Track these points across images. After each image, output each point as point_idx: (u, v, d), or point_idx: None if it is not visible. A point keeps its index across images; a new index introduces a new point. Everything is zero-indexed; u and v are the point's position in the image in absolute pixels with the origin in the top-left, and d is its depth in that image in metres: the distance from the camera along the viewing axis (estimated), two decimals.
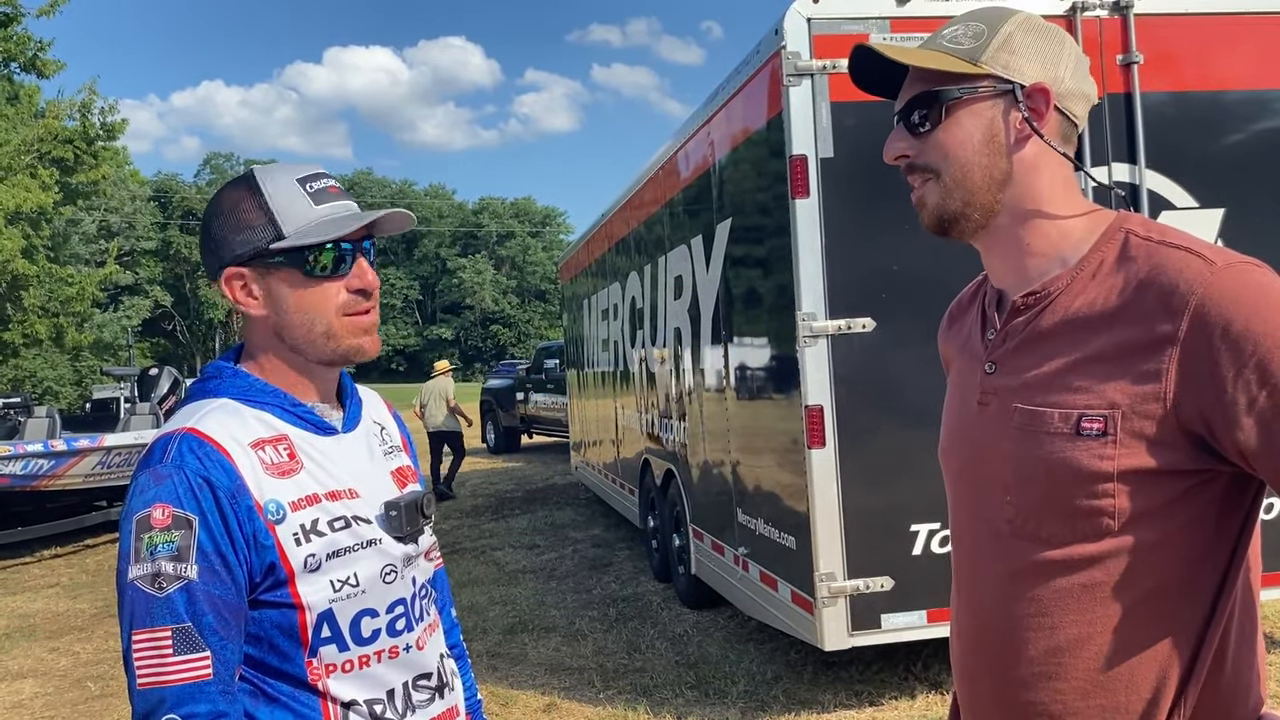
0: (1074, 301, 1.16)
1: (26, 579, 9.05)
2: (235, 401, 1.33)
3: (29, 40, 17.54)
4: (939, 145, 1.21)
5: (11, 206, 16.23)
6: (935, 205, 1.23)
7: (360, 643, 1.33)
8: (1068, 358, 1.15)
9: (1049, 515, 1.15)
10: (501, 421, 17.25)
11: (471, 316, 72.24)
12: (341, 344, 1.36)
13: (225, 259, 1.34)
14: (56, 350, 20.42)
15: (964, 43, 1.20)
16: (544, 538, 9.20)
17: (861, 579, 4.05)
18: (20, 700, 5.60)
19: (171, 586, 1.21)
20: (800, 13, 4.06)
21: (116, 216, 47.85)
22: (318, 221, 1.32)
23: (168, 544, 1.21)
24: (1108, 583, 1.12)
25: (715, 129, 5.20)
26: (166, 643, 1.20)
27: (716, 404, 5.47)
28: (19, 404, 11.38)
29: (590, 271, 9.72)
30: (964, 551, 1.30)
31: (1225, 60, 4.29)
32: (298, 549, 1.28)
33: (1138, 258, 1.14)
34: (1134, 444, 1.08)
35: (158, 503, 1.22)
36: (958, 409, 1.33)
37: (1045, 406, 1.15)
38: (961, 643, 1.31)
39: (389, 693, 1.36)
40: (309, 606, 1.28)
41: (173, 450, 1.26)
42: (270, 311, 1.34)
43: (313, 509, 1.31)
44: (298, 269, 1.32)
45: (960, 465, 1.30)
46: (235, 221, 1.33)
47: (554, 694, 5.00)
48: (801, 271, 4.08)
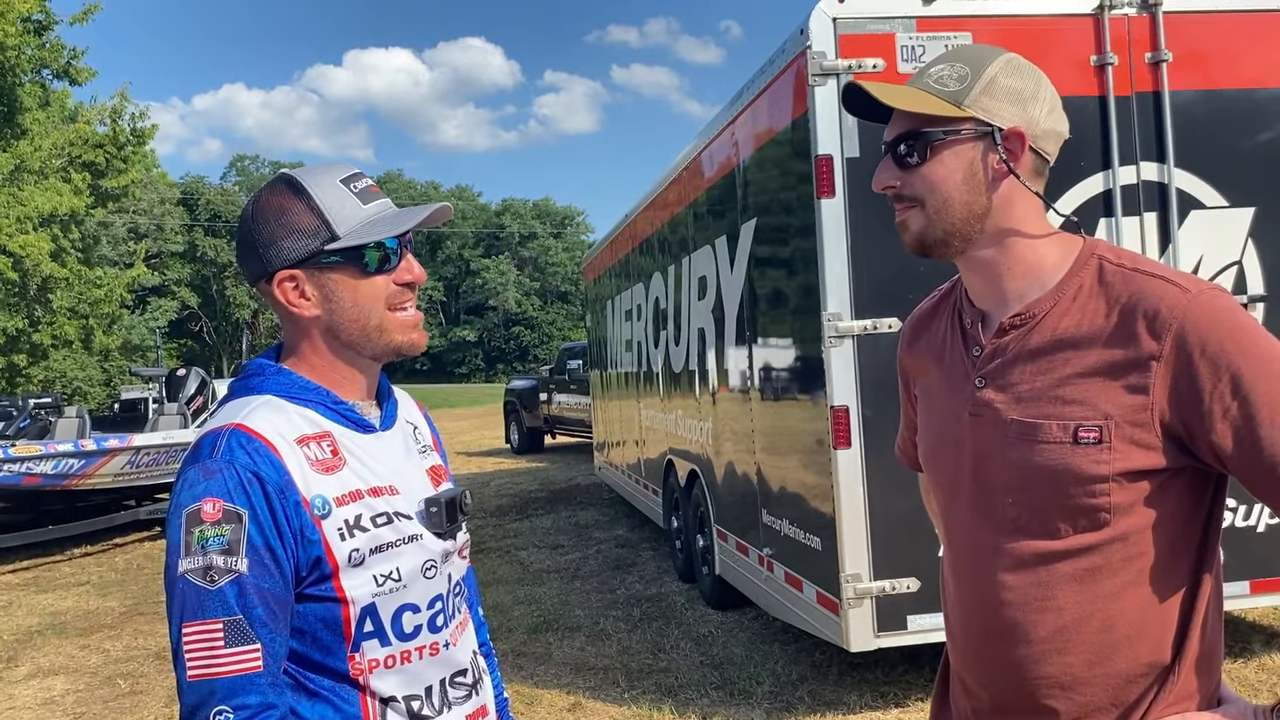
0: (1060, 322, 1.31)
1: (57, 577, 9.17)
2: (279, 398, 1.35)
3: (62, 48, 17.78)
4: (924, 179, 1.34)
5: (46, 210, 16.45)
6: (918, 231, 1.36)
7: (402, 638, 1.35)
8: (1060, 373, 1.30)
9: (1052, 513, 1.29)
10: (525, 422, 17.30)
11: (495, 318, 72.44)
12: (394, 338, 1.39)
13: (275, 263, 1.35)
14: (85, 351, 20.66)
15: (949, 85, 1.32)
16: (568, 538, 9.22)
17: (887, 580, 4.04)
18: (52, 697, 5.68)
19: (223, 579, 1.22)
20: (826, 12, 4.06)
21: (145, 219, 48.36)
22: (368, 220, 1.36)
23: (219, 537, 1.23)
24: (1105, 566, 1.28)
25: (740, 129, 5.20)
26: (218, 635, 1.21)
27: (741, 404, 5.47)
28: (50, 404, 11.53)
29: (614, 272, 9.73)
30: (962, 548, 1.42)
31: (1255, 58, 4.25)
32: (342, 543, 1.30)
33: (1115, 283, 1.29)
34: (1125, 448, 1.25)
35: (208, 497, 1.24)
36: (944, 419, 1.45)
37: (1042, 419, 1.30)
38: (966, 631, 1.42)
39: (427, 689, 1.38)
40: (352, 600, 1.30)
41: (222, 445, 1.27)
42: (323, 311, 1.37)
43: (356, 504, 1.33)
44: (355, 267, 1.36)
45: (955, 470, 1.42)
46: (285, 225, 1.35)
47: (579, 693, 5.02)
48: (827, 272, 4.07)
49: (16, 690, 5.83)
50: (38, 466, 8.82)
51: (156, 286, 50.72)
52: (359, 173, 1.40)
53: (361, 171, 1.41)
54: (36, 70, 17.84)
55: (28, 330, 17.66)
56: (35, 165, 16.98)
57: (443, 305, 73.35)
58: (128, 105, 19.33)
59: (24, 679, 6.04)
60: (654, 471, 7.98)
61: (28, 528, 9.45)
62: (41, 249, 16.28)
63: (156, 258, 50.31)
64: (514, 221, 75.03)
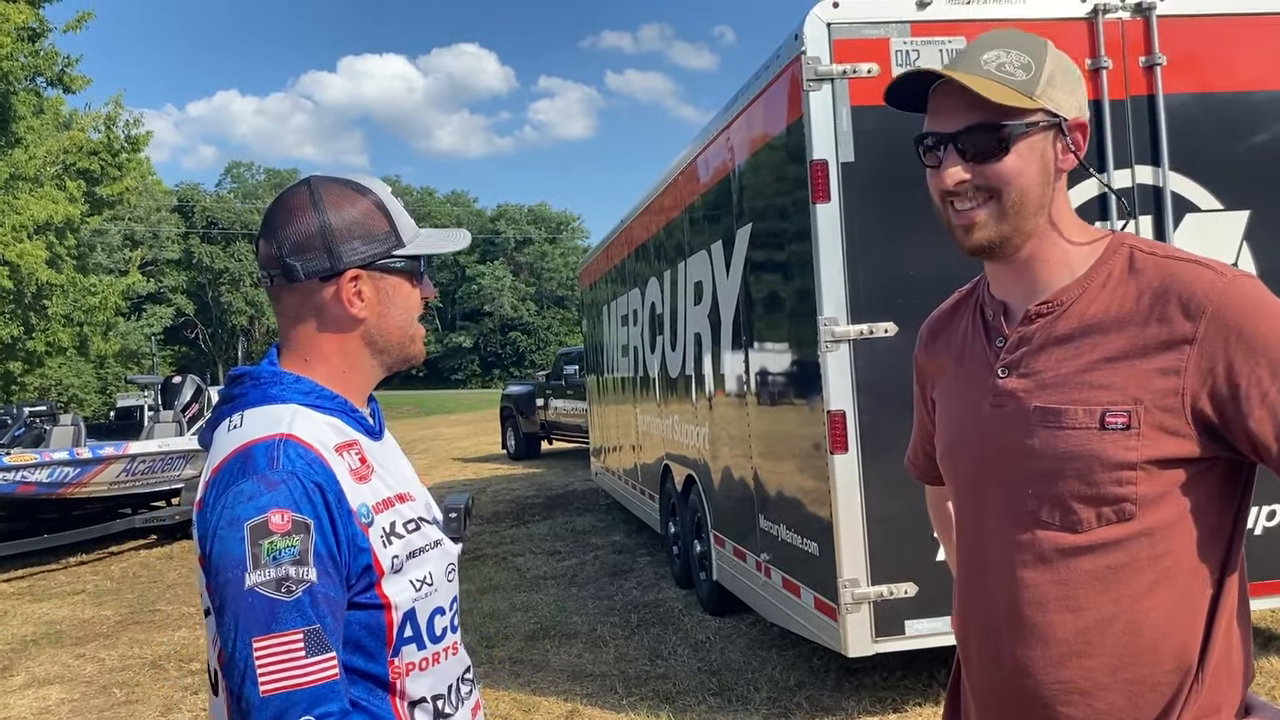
0: (1088, 308, 1.28)
1: (52, 586, 9.13)
2: (305, 408, 1.34)
3: (56, 55, 17.75)
4: (1000, 173, 1.29)
5: (42, 218, 16.43)
6: (990, 229, 1.32)
7: (434, 640, 1.38)
8: (1087, 358, 1.26)
9: (1075, 503, 1.25)
10: (522, 428, 17.27)
11: (491, 323, 72.41)
12: (414, 348, 1.46)
13: (346, 260, 1.35)
14: (81, 359, 20.61)
15: (1015, 74, 1.28)
16: (565, 544, 9.21)
17: (885, 585, 4.03)
18: (47, 706, 5.65)
19: (299, 590, 1.20)
20: (820, 17, 4.06)
21: (141, 226, 48.30)
22: (419, 235, 1.42)
23: (291, 548, 1.21)
24: (1130, 564, 1.23)
25: (735, 134, 5.20)
26: (298, 646, 1.19)
27: (737, 409, 5.46)
28: (45, 412, 11.49)
29: (610, 277, 9.73)
30: (978, 546, 1.38)
31: (1250, 61, 4.25)
32: (385, 549, 1.31)
33: (1146, 269, 1.27)
34: (1154, 435, 1.21)
35: (275, 508, 1.22)
36: (962, 413, 1.42)
37: (1068, 404, 1.25)
38: (980, 632, 1.37)
39: (449, 688, 1.41)
40: (396, 605, 1.32)
41: (280, 456, 1.26)
42: (371, 314, 1.39)
43: (389, 512, 1.35)
44: (410, 275, 1.41)
45: (972, 465, 1.38)
46: (364, 227, 1.37)
47: (576, 700, 5.00)
48: (823, 276, 4.07)
49: (11, 700, 5.81)
50: (33, 475, 8.79)
51: (153, 294, 50.66)
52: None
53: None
54: (30, 78, 17.81)
55: (22, 338, 17.61)
56: (30, 173, 16.95)
57: (439, 311, 73.28)
58: (122, 112, 19.32)
59: (19, 688, 6.01)
60: (651, 477, 7.97)
61: (23, 536, 9.41)
62: (37, 257, 16.24)
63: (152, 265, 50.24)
64: (509, 227, 75.06)
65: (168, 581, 9.00)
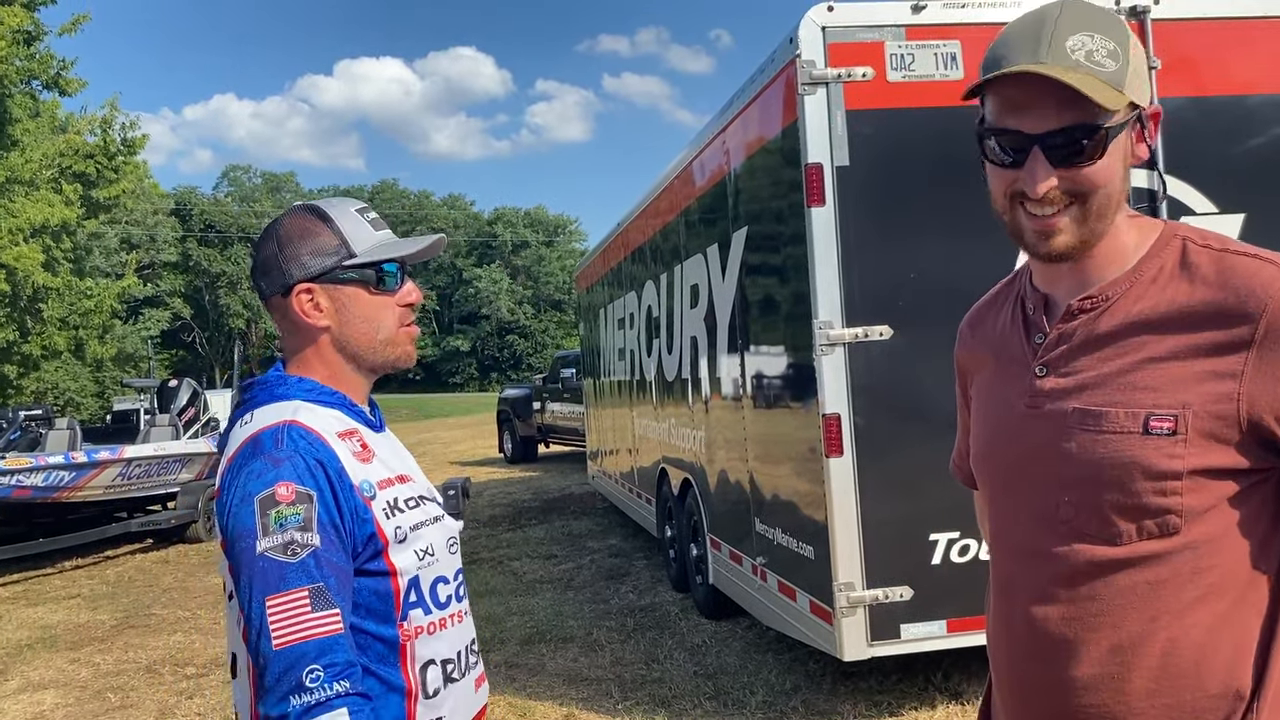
0: (1135, 305, 1.18)
1: (47, 590, 9.11)
2: (308, 403, 1.51)
3: (51, 59, 17.73)
4: (1093, 177, 1.17)
5: (38, 221, 16.39)
6: (1070, 234, 1.20)
7: (439, 606, 1.51)
8: (1132, 358, 1.16)
9: (1113, 514, 1.15)
10: (519, 431, 17.27)
11: (488, 326, 72.39)
12: (396, 350, 1.57)
13: (295, 276, 1.52)
14: (78, 362, 20.57)
15: (1106, 64, 1.15)
16: (561, 547, 9.20)
17: (881, 589, 4.03)
18: (41, 711, 5.63)
19: (304, 552, 1.35)
20: (815, 21, 4.06)
21: (138, 229, 48.27)
22: (379, 244, 1.55)
23: (295, 515, 1.36)
24: (1171, 579, 1.13)
25: (730, 137, 5.20)
26: (304, 602, 1.32)
27: (733, 413, 5.46)
28: (41, 416, 11.47)
29: (606, 281, 9.73)
30: (1011, 555, 1.28)
31: (1245, 64, 4.26)
32: (388, 521, 1.46)
33: (1201, 264, 1.16)
34: (1203, 442, 1.10)
35: (280, 481, 1.38)
36: (998, 412, 1.32)
37: (1108, 406, 1.16)
38: (1010, 649, 1.28)
39: (457, 654, 1.54)
40: (401, 572, 1.46)
41: (284, 438, 1.42)
42: (333, 322, 1.54)
43: (392, 489, 1.50)
44: (367, 283, 1.54)
45: (1007, 467, 1.29)
46: (309, 244, 1.52)
47: (572, 705, 4.99)
48: (818, 280, 4.07)
49: (6, 704, 5.79)
50: (28, 479, 8.77)
51: (150, 297, 50.61)
52: (367, 206, 1.60)
53: (369, 205, 1.61)
54: (26, 81, 17.79)
55: (18, 341, 17.58)
56: (26, 176, 16.93)
57: (436, 314, 73.29)
58: (118, 115, 19.29)
59: (13, 693, 5.99)
60: (647, 480, 7.97)
61: (18, 540, 9.39)
62: (34, 260, 16.22)
63: (149, 268, 50.21)
64: (506, 230, 75.07)
65: (163, 586, 8.98)
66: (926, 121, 4.09)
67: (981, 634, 4.48)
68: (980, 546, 4.10)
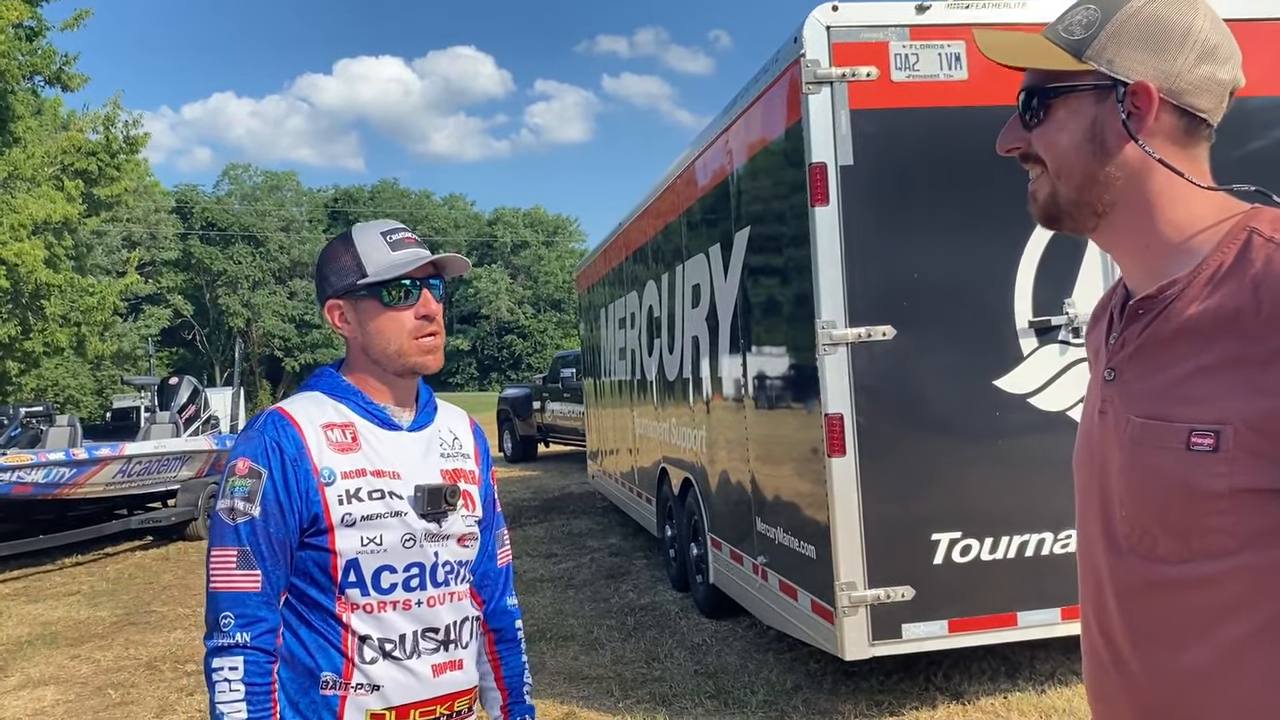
0: (1189, 307, 1.09)
1: (48, 586, 9.11)
2: (322, 394, 1.76)
3: (54, 54, 17.73)
4: (1042, 139, 1.19)
5: (40, 218, 16.39)
6: (1042, 200, 1.21)
7: (379, 591, 1.68)
8: (1182, 367, 1.08)
9: (1162, 532, 1.09)
10: (518, 430, 17.27)
11: (488, 326, 72.40)
12: (408, 359, 1.74)
13: (327, 292, 1.77)
14: (78, 359, 20.57)
15: (1075, 32, 1.15)
16: (561, 546, 9.20)
17: (882, 588, 4.03)
18: (42, 707, 5.63)
19: (240, 519, 1.62)
20: (820, 20, 4.07)
21: (139, 227, 48.27)
22: (391, 264, 1.72)
23: (243, 487, 1.63)
24: (1229, 606, 1.05)
25: (733, 137, 5.21)
26: (232, 559, 1.62)
27: (735, 413, 5.46)
28: (41, 413, 11.47)
29: (607, 280, 9.73)
30: (1088, 566, 1.24)
31: (1247, 67, 4.25)
32: (339, 507, 1.65)
33: (1257, 260, 1.05)
34: (1249, 461, 1.01)
35: (242, 456, 1.65)
36: (1086, 416, 1.27)
37: (1158, 419, 1.09)
38: (1091, 661, 1.25)
39: (400, 637, 1.69)
40: (340, 552, 1.65)
41: (261, 421, 1.69)
42: (358, 333, 1.75)
43: (359, 479, 1.67)
44: (377, 299, 1.73)
45: (1085, 476, 1.24)
46: (336, 265, 1.75)
47: (572, 703, 4.99)
48: (821, 280, 4.07)
49: (6, 701, 5.79)
50: (29, 475, 8.77)
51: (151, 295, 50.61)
52: (400, 227, 1.78)
53: (403, 227, 1.79)
54: (28, 77, 17.79)
55: (20, 338, 17.58)
56: (28, 173, 16.93)
57: None
58: (120, 113, 19.30)
59: (14, 689, 5.99)
60: (648, 480, 7.97)
61: (18, 537, 9.38)
62: (36, 257, 16.22)
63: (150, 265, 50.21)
64: (506, 231, 75.05)
65: (163, 583, 8.98)
66: (930, 121, 4.09)
67: (982, 634, 4.48)
68: (982, 547, 4.11)
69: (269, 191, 66.37)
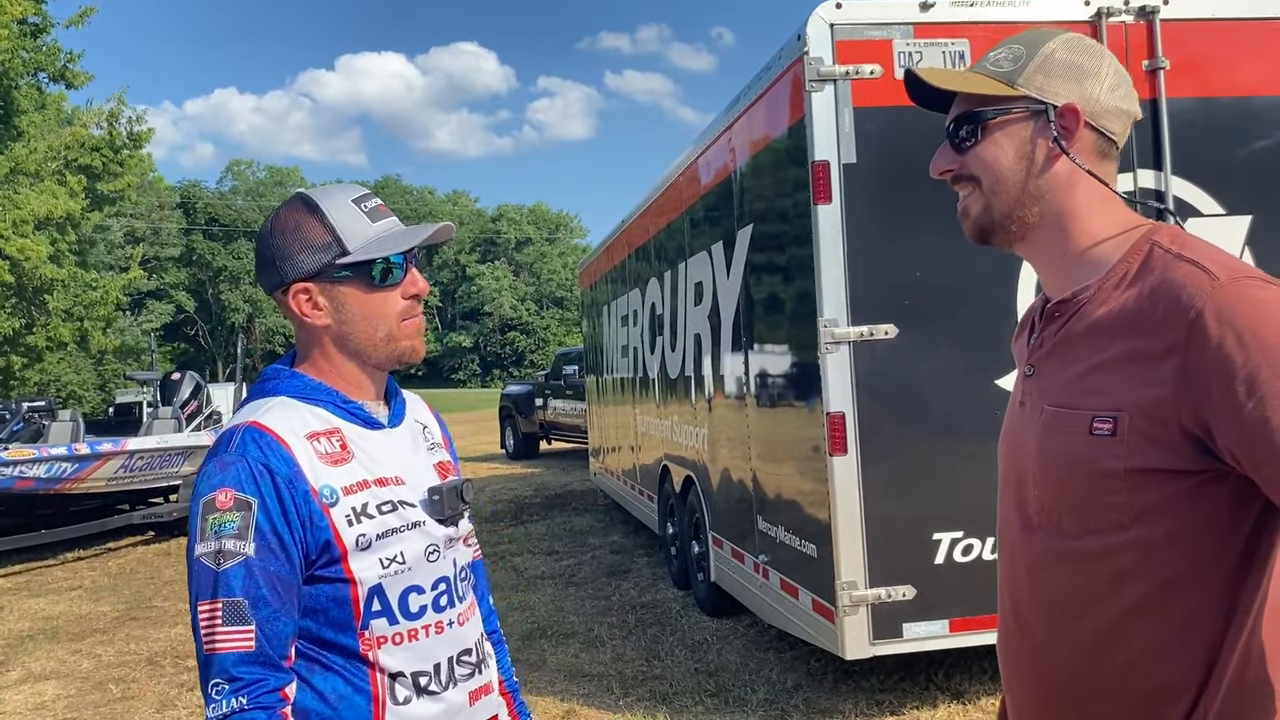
0: (1098, 310, 1.24)
1: (49, 581, 9.13)
2: (292, 399, 1.47)
3: (58, 51, 17.75)
4: (977, 159, 1.32)
5: (42, 213, 16.42)
6: (976, 215, 1.35)
7: (409, 617, 1.46)
8: (1088, 362, 1.23)
9: (1066, 509, 1.24)
10: (520, 427, 17.27)
11: (490, 323, 72.42)
12: (399, 345, 1.51)
13: (290, 275, 1.47)
14: (81, 354, 20.60)
15: (1004, 65, 1.31)
16: (562, 544, 9.20)
17: (883, 587, 4.03)
18: (43, 702, 5.64)
19: (229, 563, 1.34)
20: (823, 18, 4.05)
21: (142, 223, 48.31)
22: (376, 238, 1.47)
23: (230, 523, 1.35)
24: (1122, 576, 1.19)
25: (736, 135, 5.20)
26: (219, 615, 1.33)
27: (737, 411, 5.45)
28: (44, 407, 11.49)
29: (610, 278, 9.72)
30: (1003, 545, 1.39)
31: (1253, 66, 4.25)
32: (350, 529, 1.41)
33: (1155, 269, 1.21)
34: (1140, 444, 1.16)
35: (222, 487, 1.36)
36: (1010, 409, 1.43)
37: (1065, 407, 1.24)
38: (1003, 638, 1.39)
39: (435, 666, 1.48)
40: (360, 581, 1.41)
41: (236, 441, 1.40)
42: (333, 321, 1.49)
43: (363, 493, 1.44)
44: (363, 280, 1.48)
45: (1006, 462, 1.39)
46: (300, 240, 1.46)
47: (573, 700, 4.99)
48: (824, 278, 4.06)
49: (7, 695, 5.80)
50: (31, 470, 8.78)
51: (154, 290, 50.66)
52: (369, 193, 1.53)
53: (371, 192, 1.53)
54: (33, 73, 17.81)
55: (23, 332, 17.61)
56: (31, 168, 16.95)
57: (439, 311, 73.33)
58: (124, 109, 19.32)
59: (15, 684, 6.00)
60: (649, 478, 7.96)
61: (20, 532, 9.40)
62: (39, 252, 16.24)
63: (153, 261, 50.25)
64: (509, 227, 75.06)
65: (165, 578, 8.99)
66: (934, 120, 4.06)
67: (983, 633, 4.47)
68: (983, 546, 4.10)
69: (273, 187, 66.43)
